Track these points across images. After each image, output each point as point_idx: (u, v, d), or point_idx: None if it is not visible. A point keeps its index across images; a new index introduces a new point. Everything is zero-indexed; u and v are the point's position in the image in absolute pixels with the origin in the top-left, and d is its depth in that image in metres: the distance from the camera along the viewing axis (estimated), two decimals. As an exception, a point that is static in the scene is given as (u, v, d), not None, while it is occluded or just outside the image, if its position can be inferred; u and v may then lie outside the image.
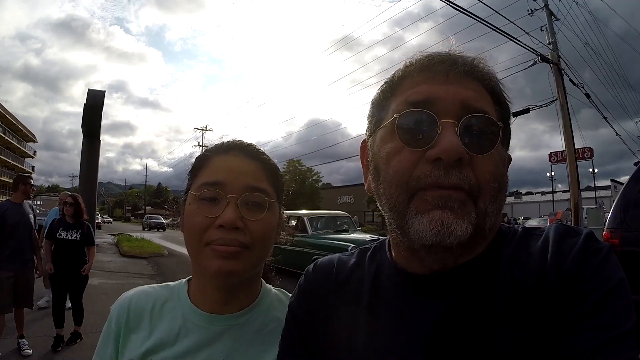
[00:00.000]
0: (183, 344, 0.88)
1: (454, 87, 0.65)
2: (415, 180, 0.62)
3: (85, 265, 5.27)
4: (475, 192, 0.61)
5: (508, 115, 0.71)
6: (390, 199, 0.66)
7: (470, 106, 0.64)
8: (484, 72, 0.68)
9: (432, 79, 0.66)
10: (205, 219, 0.84)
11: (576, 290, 0.56)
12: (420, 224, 0.61)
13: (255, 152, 0.94)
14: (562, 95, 14.78)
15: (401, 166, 0.64)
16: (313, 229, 10.60)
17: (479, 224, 0.62)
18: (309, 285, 0.83)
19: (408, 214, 0.63)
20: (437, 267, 0.66)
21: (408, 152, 0.64)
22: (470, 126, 0.63)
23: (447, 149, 0.60)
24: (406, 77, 0.70)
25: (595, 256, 0.59)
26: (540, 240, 0.64)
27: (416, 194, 0.62)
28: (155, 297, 0.96)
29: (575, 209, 14.61)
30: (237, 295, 0.92)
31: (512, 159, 0.75)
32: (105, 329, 0.95)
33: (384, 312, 0.71)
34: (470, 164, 0.62)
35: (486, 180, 0.62)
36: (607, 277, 0.57)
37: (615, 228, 4.20)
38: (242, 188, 0.87)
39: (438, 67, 0.67)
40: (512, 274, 0.63)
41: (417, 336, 0.65)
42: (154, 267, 12.80)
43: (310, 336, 0.78)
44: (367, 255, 0.81)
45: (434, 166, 0.61)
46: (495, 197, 0.64)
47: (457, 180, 0.60)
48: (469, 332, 0.61)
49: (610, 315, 0.54)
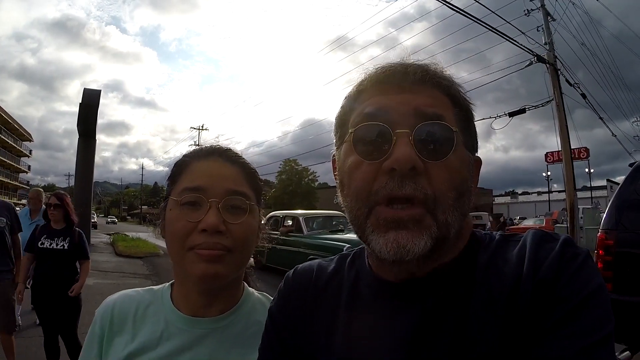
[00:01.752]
0: (165, 347, 0.89)
1: (407, 96, 0.65)
2: (374, 193, 0.63)
3: (75, 284, 3.90)
4: (431, 203, 0.61)
5: (469, 117, 0.71)
6: (352, 212, 0.67)
7: (424, 113, 0.64)
8: (438, 76, 0.68)
9: (386, 91, 0.67)
10: (187, 223, 0.85)
11: (553, 296, 0.56)
12: (377, 244, 0.62)
13: (234, 157, 0.95)
14: (558, 95, 14.81)
15: (361, 180, 0.64)
16: (309, 229, 10.60)
17: (441, 235, 0.62)
18: (288, 291, 0.83)
19: (366, 230, 0.64)
20: (404, 276, 0.67)
21: (367, 165, 0.64)
22: (424, 132, 0.63)
23: (399, 159, 0.60)
24: (362, 92, 0.70)
25: (573, 262, 0.58)
26: (518, 247, 0.64)
27: (373, 210, 0.63)
28: (138, 301, 0.96)
29: (571, 209, 14.65)
30: (219, 298, 0.93)
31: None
32: (89, 333, 0.96)
33: (361, 319, 0.71)
34: (426, 173, 0.62)
35: (442, 189, 0.62)
36: (585, 283, 0.56)
37: (610, 229, 4.19)
38: (223, 192, 0.87)
39: (391, 78, 0.68)
40: (488, 280, 0.62)
41: (393, 343, 0.65)
42: (149, 267, 12.78)
43: (289, 341, 0.78)
44: (346, 261, 0.81)
45: (389, 178, 0.61)
46: (454, 205, 0.63)
47: (411, 191, 0.60)
48: (444, 338, 0.61)
49: (588, 321, 0.54)
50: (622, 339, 3.74)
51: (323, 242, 9.50)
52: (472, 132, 0.72)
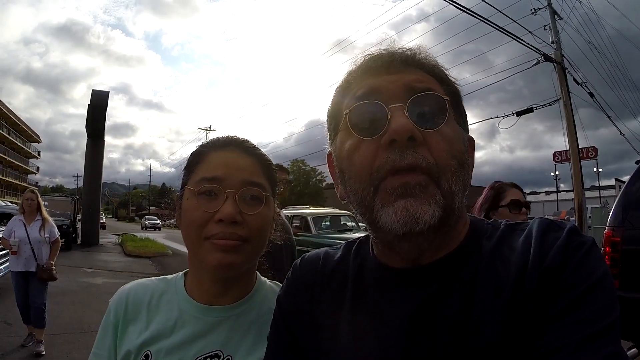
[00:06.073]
0: (179, 335, 0.90)
1: (396, 76, 0.67)
2: (376, 170, 0.63)
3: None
4: (434, 172, 0.61)
5: (457, 94, 0.72)
6: (357, 194, 0.67)
7: (415, 87, 0.65)
8: (423, 59, 0.70)
9: (375, 74, 0.68)
10: (204, 213, 0.86)
11: (559, 284, 0.57)
12: (387, 216, 0.62)
13: (251, 148, 0.96)
14: (566, 94, 14.67)
15: (362, 160, 0.65)
16: (317, 228, 10.58)
17: (447, 205, 0.62)
18: (295, 279, 0.84)
19: (375, 207, 0.64)
20: (413, 255, 0.67)
21: (366, 144, 0.65)
22: (417, 104, 0.64)
23: (397, 129, 0.61)
24: (352, 81, 0.72)
25: (578, 250, 0.59)
26: (523, 235, 0.65)
27: (379, 187, 0.63)
28: (152, 289, 0.98)
29: (579, 209, 14.52)
30: (232, 287, 0.94)
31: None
32: (103, 321, 0.97)
33: (365, 306, 0.72)
34: (425, 143, 0.62)
35: (443, 157, 0.62)
36: (590, 271, 0.57)
37: (616, 226, 4.18)
38: (240, 183, 0.88)
39: (378, 63, 0.69)
40: (494, 268, 0.63)
41: (396, 329, 0.66)
42: (158, 267, 12.85)
43: (296, 328, 0.79)
44: (352, 249, 0.82)
45: (390, 151, 0.62)
46: (457, 174, 0.64)
47: (413, 160, 0.61)
48: (447, 322, 0.62)
49: (593, 308, 0.54)
50: (629, 336, 3.72)
51: (331, 241, 9.47)
52: (462, 109, 0.73)
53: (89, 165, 14.57)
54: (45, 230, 5.11)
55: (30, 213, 5.18)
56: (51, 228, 5.21)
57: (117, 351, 0.92)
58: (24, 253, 4.92)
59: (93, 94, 14.88)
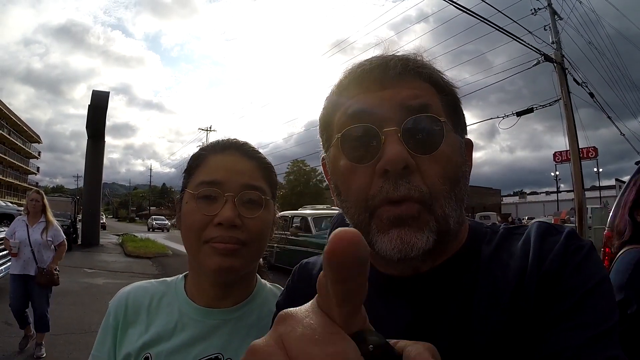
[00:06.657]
0: (179, 338, 0.89)
1: (390, 92, 0.64)
2: (371, 198, 0.62)
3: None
4: (427, 200, 0.61)
5: (455, 101, 0.70)
6: (353, 218, 0.66)
7: (410, 106, 0.63)
8: (418, 66, 0.67)
9: (368, 88, 0.65)
10: (203, 217, 0.86)
11: (558, 288, 0.56)
12: (383, 243, 0.62)
13: (250, 151, 0.96)
14: (566, 94, 14.66)
15: (358, 187, 0.64)
16: (317, 228, 10.57)
17: (441, 228, 0.62)
18: (294, 285, 0.84)
19: (371, 231, 0.63)
20: (409, 273, 0.67)
21: (361, 170, 0.63)
22: (412, 128, 0.62)
23: (391, 159, 0.60)
24: (343, 91, 0.69)
25: (577, 254, 0.59)
26: (522, 239, 0.64)
27: (374, 213, 0.63)
28: (152, 292, 0.97)
29: (579, 209, 14.51)
30: (233, 290, 0.94)
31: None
32: (103, 324, 0.96)
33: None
34: (419, 169, 0.61)
35: (436, 184, 0.61)
36: (589, 275, 0.57)
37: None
38: (239, 186, 0.88)
39: (371, 75, 0.66)
40: (492, 272, 0.63)
41: (396, 337, 0.64)
42: (159, 267, 12.79)
43: None
44: None
45: (384, 180, 0.61)
46: (450, 196, 0.63)
47: (406, 191, 0.60)
48: (445, 326, 0.62)
49: (592, 313, 0.54)
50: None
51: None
52: (460, 115, 0.71)
53: (89, 165, 14.61)
54: (49, 233, 4.90)
55: (35, 214, 4.98)
56: (55, 231, 5.00)
57: (117, 354, 0.92)
58: (24, 255, 4.72)
59: (93, 94, 14.93)
